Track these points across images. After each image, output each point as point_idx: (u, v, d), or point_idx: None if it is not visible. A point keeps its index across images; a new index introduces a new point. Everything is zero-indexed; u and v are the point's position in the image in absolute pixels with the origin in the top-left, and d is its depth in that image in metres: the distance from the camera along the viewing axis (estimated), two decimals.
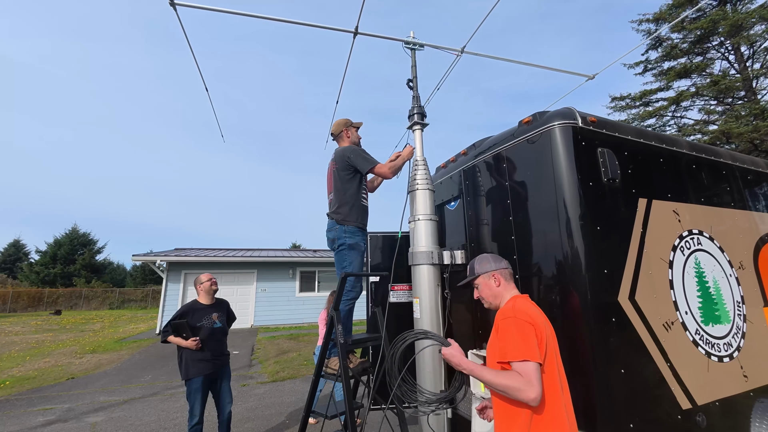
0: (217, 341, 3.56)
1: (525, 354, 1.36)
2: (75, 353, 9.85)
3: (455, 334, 2.85)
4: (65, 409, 5.45)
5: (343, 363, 2.15)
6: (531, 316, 1.47)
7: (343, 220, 2.77)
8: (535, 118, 2.34)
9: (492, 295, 1.68)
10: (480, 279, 1.72)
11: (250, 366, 8.05)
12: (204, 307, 3.58)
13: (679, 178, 2.52)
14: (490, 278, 1.69)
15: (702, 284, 2.36)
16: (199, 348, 3.35)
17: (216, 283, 3.68)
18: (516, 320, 1.45)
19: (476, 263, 1.76)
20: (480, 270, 1.72)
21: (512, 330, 1.44)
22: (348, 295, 2.60)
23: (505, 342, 1.44)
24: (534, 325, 1.43)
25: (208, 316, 3.53)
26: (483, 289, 1.71)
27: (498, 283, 1.67)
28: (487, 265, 1.71)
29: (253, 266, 14.73)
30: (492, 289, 1.68)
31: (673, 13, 14.17)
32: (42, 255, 34.55)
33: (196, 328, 3.42)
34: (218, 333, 3.57)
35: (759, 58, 13.49)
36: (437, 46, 3.40)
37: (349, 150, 2.90)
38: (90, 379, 7.18)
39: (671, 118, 15.33)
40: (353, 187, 2.85)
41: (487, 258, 1.75)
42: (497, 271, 1.68)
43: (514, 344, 1.40)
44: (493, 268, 1.69)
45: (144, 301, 30.36)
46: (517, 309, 1.51)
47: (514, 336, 1.42)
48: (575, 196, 2.04)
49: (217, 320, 3.59)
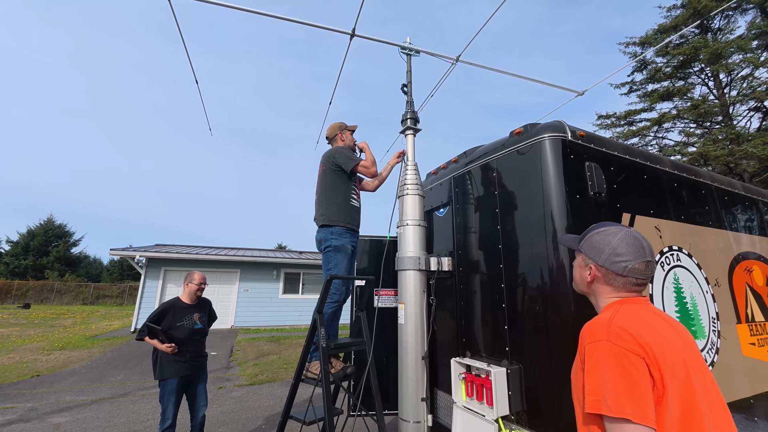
0: (196, 342, 3.46)
1: (625, 408, 0.85)
2: (42, 349, 9.41)
3: (438, 342, 2.84)
4: (27, 409, 5.17)
5: (324, 367, 2.11)
6: (641, 338, 0.92)
7: (331, 221, 2.74)
8: (526, 129, 2.37)
9: (582, 284, 1.20)
10: (579, 257, 1.21)
11: (228, 368, 7.84)
12: (186, 306, 3.47)
13: (661, 196, 2.59)
14: (587, 267, 1.15)
15: (680, 299, 2.42)
16: (175, 351, 3.24)
17: (203, 289, 3.56)
18: (613, 348, 0.92)
19: (589, 235, 1.17)
20: (585, 248, 1.17)
21: (605, 364, 0.91)
22: (332, 297, 2.56)
23: (592, 381, 0.92)
24: (647, 356, 0.89)
25: (189, 316, 3.43)
26: (575, 268, 1.23)
27: (592, 279, 1.14)
28: (598, 251, 1.11)
29: (236, 265, 14.43)
30: (582, 278, 1.18)
31: (659, 38, 14.78)
32: (13, 245, 33.07)
33: (175, 328, 3.31)
34: (198, 334, 3.47)
35: (736, 86, 14.18)
36: (433, 53, 3.43)
37: (334, 150, 2.92)
38: (57, 377, 6.85)
39: (653, 138, 15.93)
40: (341, 187, 2.85)
41: (606, 237, 1.11)
42: (603, 268, 1.10)
43: (607, 389, 0.88)
44: (600, 259, 1.10)
45: (120, 298, 29.32)
46: (616, 328, 0.95)
47: (607, 375, 0.90)
48: (562, 208, 2.06)
49: (198, 321, 3.48)
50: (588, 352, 0.97)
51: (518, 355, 2.13)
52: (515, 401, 2.01)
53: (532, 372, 2.04)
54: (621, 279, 1.07)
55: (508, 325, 2.21)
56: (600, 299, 1.13)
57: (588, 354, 0.97)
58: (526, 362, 2.08)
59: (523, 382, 2.06)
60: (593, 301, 1.18)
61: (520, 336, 2.15)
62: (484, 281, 2.47)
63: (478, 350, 2.42)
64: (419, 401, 2.46)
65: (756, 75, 13.40)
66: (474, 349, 2.46)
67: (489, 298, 2.40)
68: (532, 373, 2.04)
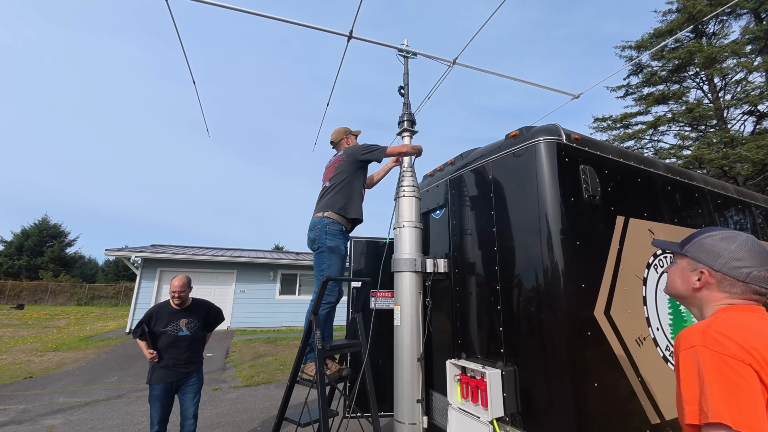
0: (182, 350, 3.21)
1: (723, 414, 0.76)
2: (36, 350, 9.32)
3: (434, 343, 2.85)
4: (20, 410, 5.12)
5: (319, 369, 2.11)
6: (747, 343, 0.83)
7: (341, 209, 2.81)
8: (521, 132, 2.38)
9: (684, 290, 1.07)
10: (682, 261, 1.09)
11: (224, 369, 7.80)
12: (173, 312, 3.24)
13: (655, 199, 2.62)
14: (695, 272, 1.04)
15: (673, 301, 2.44)
16: (156, 360, 3.12)
17: (180, 297, 3.22)
18: (711, 355, 0.83)
19: (698, 239, 1.07)
20: (693, 251, 1.06)
21: (701, 372, 0.83)
22: (326, 299, 2.56)
23: (688, 391, 0.84)
24: (755, 361, 0.80)
25: (174, 322, 3.21)
26: (676, 272, 1.10)
27: (702, 284, 1.02)
28: (713, 255, 1.01)
29: (232, 266, 14.38)
30: (686, 283, 1.05)
31: (654, 42, 14.92)
32: (7, 245, 32.73)
33: (157, 335, 3.16)
34: (183, 341, 3.22)
35: (730, 90, 14.32)
36: (430, 56, 3.45)
37: (360, 147, 2.99)
38: (50, 379, 6.79)
39: (649, 141, 16.05)
40: (358, 182, 2.95)
41: (722, 241, 1.01)
42: (719, 273, 0.99)
43: (705, 398, 0.80)
44: (717, 264, 1.00)
45: (115, 298, 29.10)
46: (714, 333, 0.87)
47: (705, 383, 0.81)
48: (557, 211, 2.08)
49: (185, 327, 3.23)
50: (681, 360, 0.89)
51: (513, 356, 2.14)
52: (510, 403, 2.02)
53: (527, 373, 2.05)
54: (741, 286, 0.98)
55: (503, 327, 2.22)
56: (707, 307, 1.02)
57: (682, 362, 0.89)
58: (521, 364, 2.09)
59: (518, 384, 2.07)
60: (694, 310, 1.07)
61: (515, 337, 2.16)
62: (480, 283, 2.48)
63: (474, 352, 2.43)
64: (415, 403, 2.46)
65: (750, 79, 13.57)
66: (469, 350, 2.47)
67: (484, 300, 2.41)
68: (527, 374, 2.05)
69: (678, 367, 0.91)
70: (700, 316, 1.05)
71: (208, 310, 3.46)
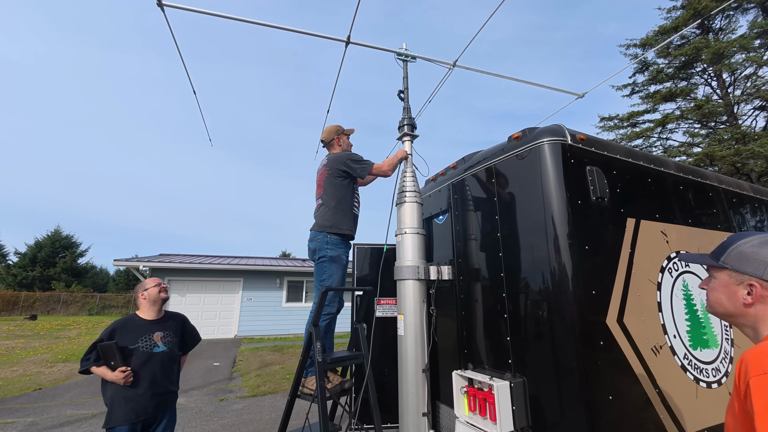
0: (160, 372, 2.50)
1: None
2: (46, 362, 9.39)
3: (440, 353, 2.76)
4: (28, 423, 5.12)
5: (319, 383, 2.04)
6: None
7: (333, 226, 2.71)
8: (524, 133, 2.31)
9: (732, 307, 0.97)
10: (721, 274, 1.00)
11: (231, 379, 7.75)
12: (144, 324, 2.56)
13: (666, 199, 2.51)
14: (742, 285, 0.95)
15: (690, 307, 2.32)
16: (129, 383, 2.36)
17: (166, 291, 2.72)
18: None
19: (735, 247, 0.98)
20: (732, 262, 0.97)
21: None
22: (326, 310, 2.50)
23: (762, 421, 0.75)
24: None
25: (147, 336, 2.51)
26: (718, 288, 1.00)
27: (755, 299, 0.93)
28: (762, 264, 0.92)
29: (239, 274, 14.40)
30: (734, 300, 0.97)
31: (659, 39, 14.72)
32: (21, 257, 33.38)
33: (127, 353, 2.41)
34: (160, 360, 2.51)
35: (740, 85, 14.04)
36: (429, 59, 3.40)
37: (344, 156, 2.86)
38: (59, 391, 6.81)
39: (657, 139, 15.78)
40: (347, 194, 2.82)
41: (756, 248, 0.94)
42: (765, 282, 0.91)
43: None
44: (766, 273, 0.91)
45: (126, 308, 29.39)
46: None
47: None
48: (563, 214, 1.99)
49: (161, 342, 2.55)
50: (755, 388, 0.78)
51: (522, 367, 2.05)
52: (520, 416, 1.93)
53: (537, 385, 1.95)
54: None
55: (510, 336, 2.13)
56: (765, 323, 0.91)
57: (755, 390, 0.78)
58: (531, 375, 1.99)
59: (527, 396, 1.98)
60: (747, 329, 0.97)
61: (523, 347, 2.07)
62: (485, 290, 2.40)
63: (481, 362, 2.34)
64: (420, 416, 2.37)
65: (760, 74, 13.28)
66: (476, 360, 2.38)
67: (490, 308, 2.32)
68: (537, 386, 1.95)
69: (750, 396, 0.79)
70: (755, 336, 0.95)
71: (184, 324, 2.83)
